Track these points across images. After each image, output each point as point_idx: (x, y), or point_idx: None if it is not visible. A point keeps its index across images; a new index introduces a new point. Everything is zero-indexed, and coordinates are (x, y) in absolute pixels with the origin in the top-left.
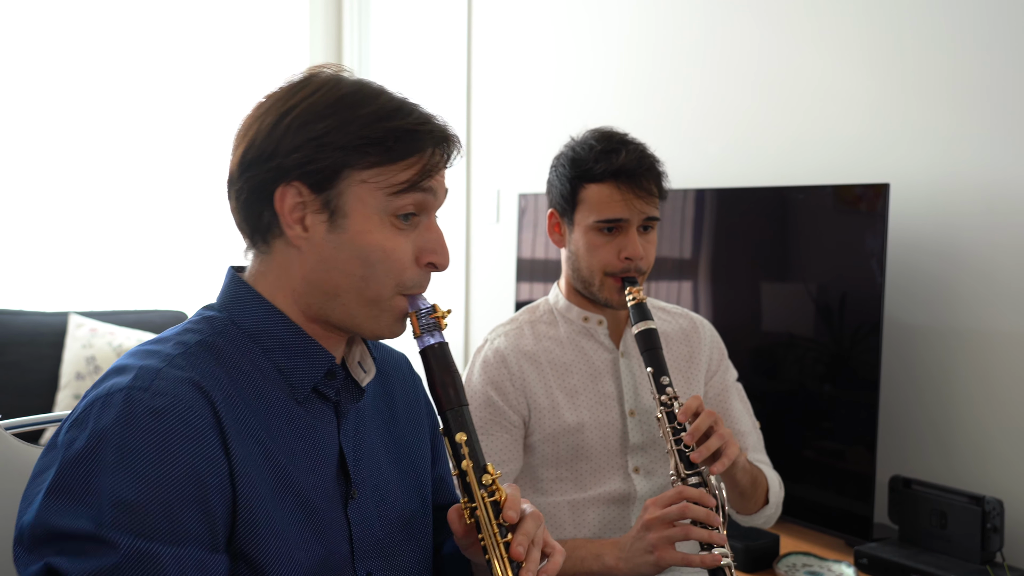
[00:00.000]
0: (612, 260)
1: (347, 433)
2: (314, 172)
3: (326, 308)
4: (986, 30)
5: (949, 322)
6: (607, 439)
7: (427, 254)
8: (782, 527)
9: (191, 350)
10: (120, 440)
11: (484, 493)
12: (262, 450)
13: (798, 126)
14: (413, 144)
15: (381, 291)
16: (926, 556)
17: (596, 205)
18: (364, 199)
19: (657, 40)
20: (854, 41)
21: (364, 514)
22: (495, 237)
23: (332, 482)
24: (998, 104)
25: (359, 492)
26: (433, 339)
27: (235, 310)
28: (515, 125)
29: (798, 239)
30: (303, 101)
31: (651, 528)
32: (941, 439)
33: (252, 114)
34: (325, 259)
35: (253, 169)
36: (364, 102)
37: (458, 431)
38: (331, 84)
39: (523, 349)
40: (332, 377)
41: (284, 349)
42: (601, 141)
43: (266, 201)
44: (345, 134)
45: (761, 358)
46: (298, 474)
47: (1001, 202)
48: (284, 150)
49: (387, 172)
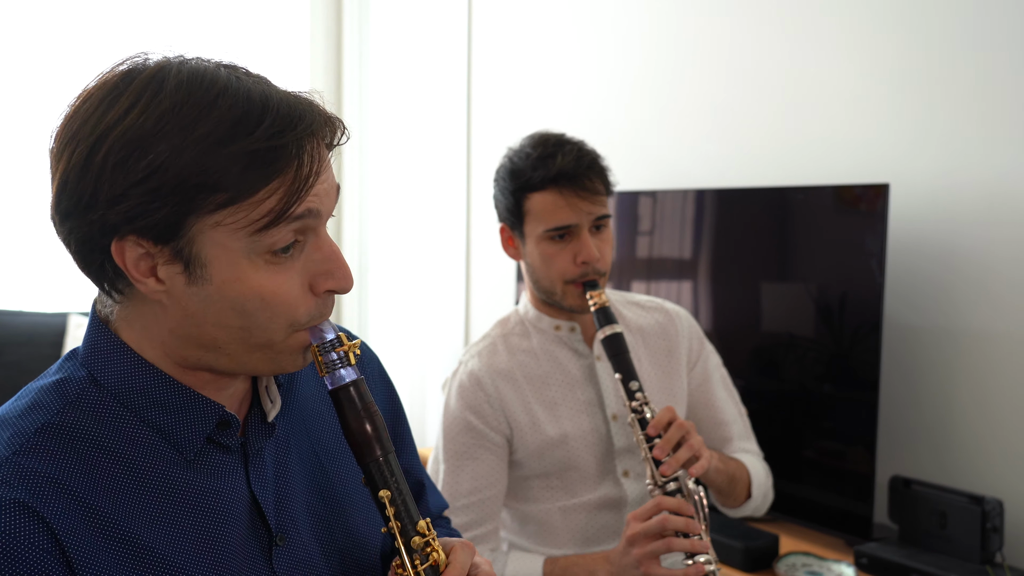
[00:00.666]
0: (568, 267)
1: (261, 476)
2: (149, 227)
3: (206, 359)
4: (986, 30)
5: (949, 323)
6: (593, 447)
7: (323, 279)
8: (782, 527)
9: (29, 445)
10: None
11: (417, 559)
12: (134, 551)
13: (798, 126)
14: (268, 167)
15: (271, 336)
16: (926, 556)
17: (542, 214)
18: (223, 243)
19: (657, 40)
20: (854, 41)
21: (298, 558)
22: (495, 237)
23: (245, 542)
24: (998, 104)
25: (288, 535)
26: (346, 376)
27: (96, 364)
28: (515, 125)
29: (798, 239)
30: (117, 124)
31: (634, 543)
32: (941, 439)
33: (59, 136)
34: (192, 314)
35: (72, 219)
36: (195, 117)
37: (382, 488)
38: (150, 93)
39: (497, 368)
40: (226, 427)
41: (158, 406)
42: (537, 147)
43: (103, 253)
44: (176, 171)
45: (761, 358)
46: (186, 563)
47: (1001, 202)
48: (105, 199)
49: (242, 209)
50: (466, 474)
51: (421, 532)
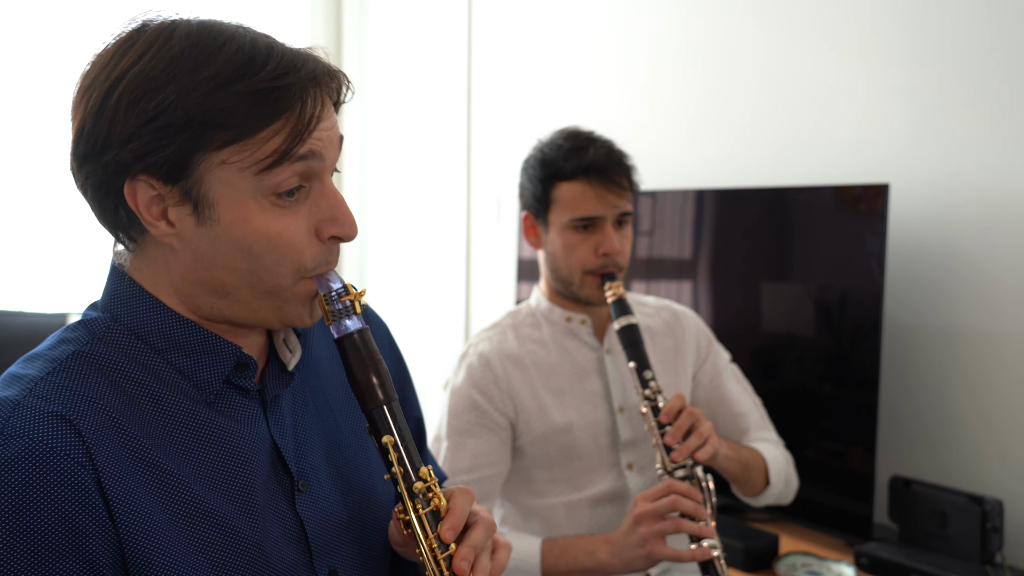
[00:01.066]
0: (589, 257)
1: (280, 422)
2: (159, 164)
3: (219, 306)
4: (986, 30)
5: (949, 323)
6: (597, 438)
7: (327, 225)
8: (782, 527)
9: (63, 367)
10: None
11: (419, 503)
12: (155, 474)
13: (798, 126)
14: (272, 106)
15: (279, 281)
16: (926, 556)
17: (569, 203)
18: (230, 182)
19: (657, 40)
20: (854, 41)
21: (320, 505)
22: (495, 237)
23: (268, 485)
24: (998, 105)
25: (309, 481)
26: (351, 325)
27: (117, 308)
28: (515, 125)
29: (798, 239)
30: (131, 68)
31: (641, 522)
32: (941, 439)
33: (79, 88)
34: (202, 257)
35: (89, 163)
36: (203, 61)
37: (384, 433)
38: (161, 40)
39: (507, 352)
40: (244, 368)
41: (178, 348)
42: (569, 140)
43: (117, 197)
44: (185, 109)
45: (761, 358)
46: (207, 494)
47: (1001, 202)
48: (117, 139)
49: (247, 147)
50: (467, 451)
51: (423, 478)
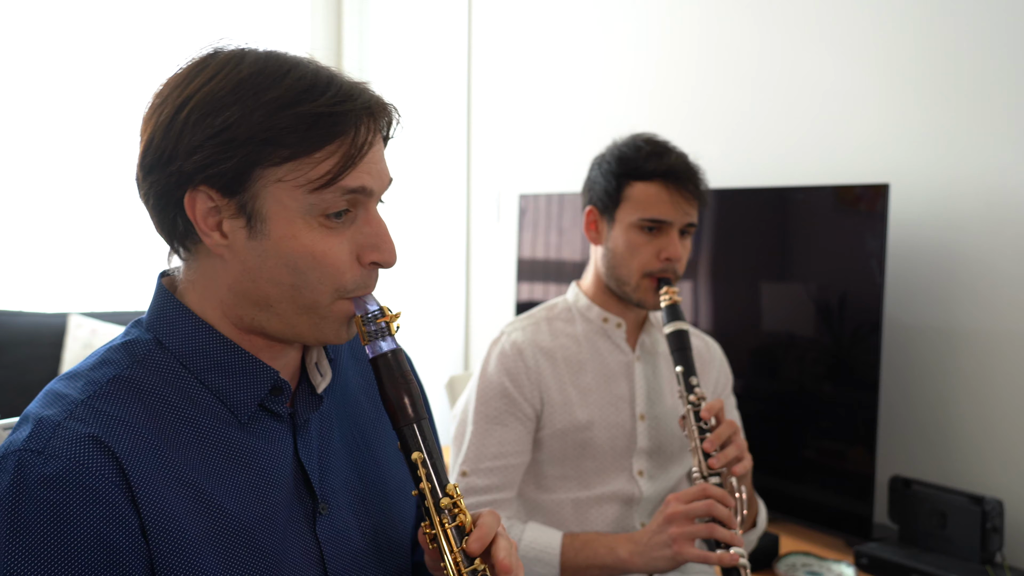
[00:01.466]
0: (652, 260)
1: (308, 446)
2: (219, 175)
3: (259, 319)
4: (986, 30)
5: (949, 322)
6: (614, 440)
7: (369, 251)
8: (782, 527)
9: (102, 392)
10: (12, 514)
11: (445, 519)
12: (192, 494)
13: (798, 126)
14: (328, 130)
15: (318, 299)
16: (926, 556)
17: (642, 203)
18: (283, 200)
19: (657, 40)
20: (854, 41)
21: (337, 528)
22: (495, 237)
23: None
24: (998, 105)
25: (330, 505)
26: (385, 346)
27: (161, 328)
28: (515, 125)
29: (798, 239)
30: (201, 88)
31: (673, 522)
32: (941, 439)
33: (151, 105)
34: (250, 268)
35: (155, 173)
36: (268, 85)
37: (414, 450)
38: (231, 65)
39: (540, 344)
40: (279, 393)
41: (218, 368)
42: (649, 143)
43: (177, 207)
44: (248, 126)
45: (761, 358)
46: (240, 511)
47: (1001, 202)
48: (184, 151)
49: (303, 166)
50: (494, 438)
51: (449, 495)
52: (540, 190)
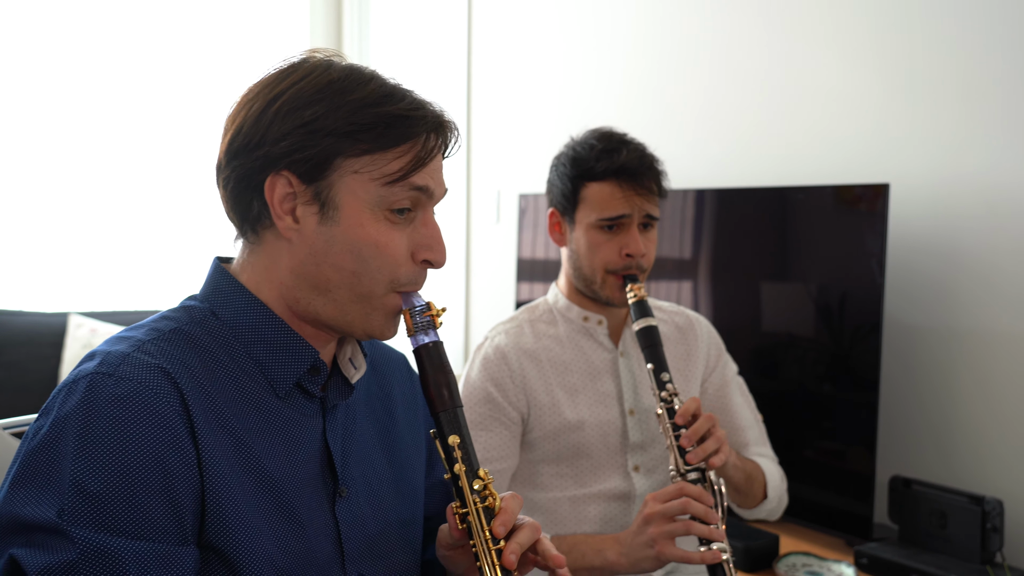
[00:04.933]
0: (614, 257)
1: (334, 430)
2: (303, 161)
3: (315, 304)
4: (987, 30)
5: (949, 322)
6: (607, 437)
7: (423, 250)
8: (782, 527)
9: (164, 336)
10: (82, 427)
11: (476, 498)
12: (234, 443)
13: (798, 126)
14: (405, 130)
15: (374, 287)
16: (926, 556)
17: (598, 203)
18: (356, 191)
19: (658, 40)
20: (855, 41)
21: (355, 514)
22: (495, 237)
23: (316, 480)
24: (999, 105)
25: (349, 490)
26: (427, 338)
27: (216, 301)
28: (515, 125)
29: (798, 239)
30: (292, 87)
31: (651, 522)
32: (941, 439)
33: (241, 100)
34: (316, 252)
35: (241, 157)
36: (354, 87)
37: (451, 434)
38: (321, 69)
39: (523, 347)
40: (316, 373)
41: (264, 343)
42: (602, 140)
43: (255, 190)
44: (334, 120)
45: (761, 358)
46: (274, 470)
47: (1001, 202)
48: (272, 137)
49: (379, 160)
50: (479, 444)
51: (481, 477)
52: (540, 190)
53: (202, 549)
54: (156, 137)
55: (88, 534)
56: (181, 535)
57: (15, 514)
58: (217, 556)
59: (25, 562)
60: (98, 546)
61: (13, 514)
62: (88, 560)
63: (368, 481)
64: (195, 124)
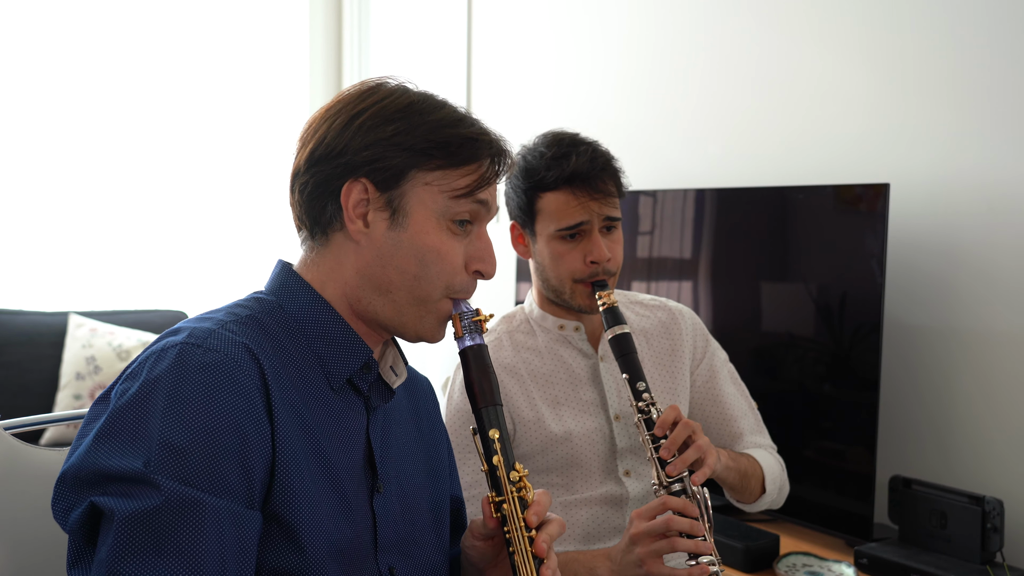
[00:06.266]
0: (578, 266)
1: (375, 429)
2: (381, 170)
3: (375, 303)
4: (986, 30)
5: (949, 322)
6: (595, 446)
7: (476, 262)
8: (782, 527)
9: (242, 320)
10: (171, 388)
11: (513, 489)
12: (301, 424)
13: (798, 126)
14: (474, 152)
15: (431, 291)
16: (926, 556)
17: (554, 213)
18: (425, 201)
19: (657, 40)
20: (854, 41)
21: (388, 509)
22: (495, 237)
23: (359, 472)
24: (998, 104)
25: (385, 487)
26: (473, 341)
27: (283, 296)
28: (515, 125)
29: (798, 239)
30: (374, 105)
31: (638, 542)
32: (941, 439)
33: (321, 115)
34: (382, 255)
35: (321, 164)
36: (431, 110)
37: (491, 428)
38: (399, 92)
39: (503, 363)
40: (368, 370)
41: (326, 337)
42: (551, 147)
43: (332, 195)
44: (413, 137)
45: (761, 358)
46: (332, 455)
47: (1001, 202)
48: (354, 148)
49: (449, 176)
50: (467, 468)
51: (517, 470)
52: None
53: (266, 519)
54: (156, 137)
55: (173, 484)
56: (250, 499)
57: (99, 465)
58: (280, 527)
59: (111, 507)
60: (181, 495)
61: (97, 465)
62: (172, 507)
63: (400, 481)
64: (195, 124)
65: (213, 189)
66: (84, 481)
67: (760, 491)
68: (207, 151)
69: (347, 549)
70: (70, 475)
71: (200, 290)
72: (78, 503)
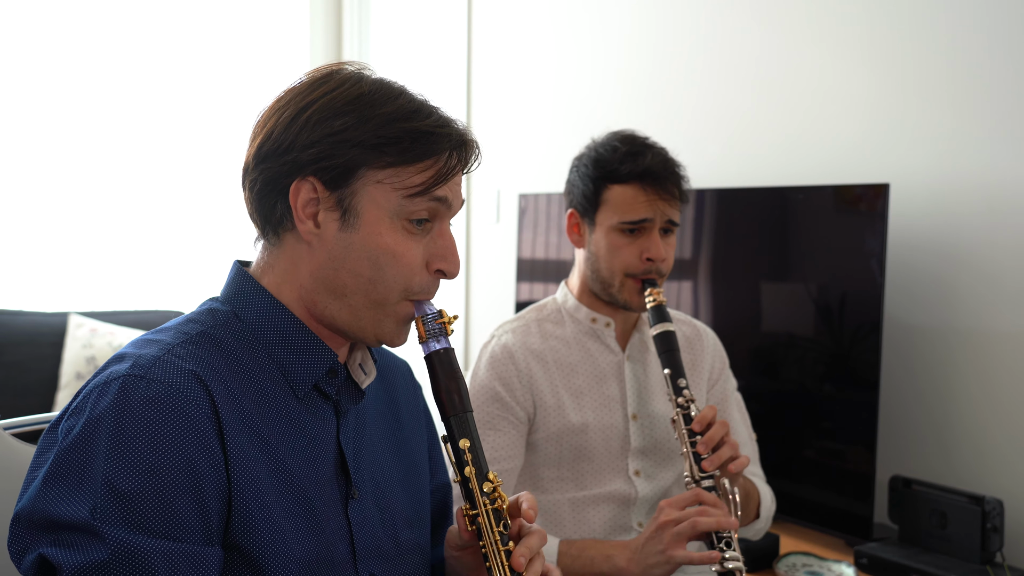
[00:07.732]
0: (634, 261)
1: (347, 433)
2: (330, 168)
3: (331, 308)
4: (986, 30)
5: (949, 322)
6: (609, 441)
7: (437, 261)
8: (782, 527)
9: (192, 339)
10: (114, 427)
11: (486, 500)
12: (260, 443)
13: (798, 126)
14: (430, 146)
15: (388, 294)
16: (926, 556)
17: (620, 206)
18: (378, 200)
19: (657, 40)
20: (854, 41)
21: (365, 515)
22: (495, 237)
23: (330, 481)
24: (998, 104)
25: (360, 492)
26: (438, 344)
27: (238, 304)
28: (515, 125)
29: (798, 239)
30: (323, 96)
31: (667, 529)
32: (941, 439)
33: (271, 106)
34: (335, 257)
35: (268, 161)
36: (383, 101)
37: (461, 437)
38: (352, 82)
39: (530, 347)
40: (334, 375)
41: (286, 344)
42: (625, 143)
43: (280, 194)
44: (362, 132)
45: (761, 358)
46: (296, 469)
47: (1001, 202)
48: (301, 144)
49: (402, 173)
50: (487, 444)
51: (490, 480)
52: (540, 190)
53: (226, 550)
54: (156, 137)
55: (119, 533)
56: (207, 535)
57: (47, 512)
58: (241, 556)
59: (58, 561)
60: (129, 545)
61: (46, 512)
62: (119, 560)
63: (377, 484)
64: (195, 124)
65: (213, 189)
66: (36, 525)
67: (755, 516)
68: (208, 152)
69: (319, 564)
70: (23, 517)
71: (200, 290)
72: (30, 548)
